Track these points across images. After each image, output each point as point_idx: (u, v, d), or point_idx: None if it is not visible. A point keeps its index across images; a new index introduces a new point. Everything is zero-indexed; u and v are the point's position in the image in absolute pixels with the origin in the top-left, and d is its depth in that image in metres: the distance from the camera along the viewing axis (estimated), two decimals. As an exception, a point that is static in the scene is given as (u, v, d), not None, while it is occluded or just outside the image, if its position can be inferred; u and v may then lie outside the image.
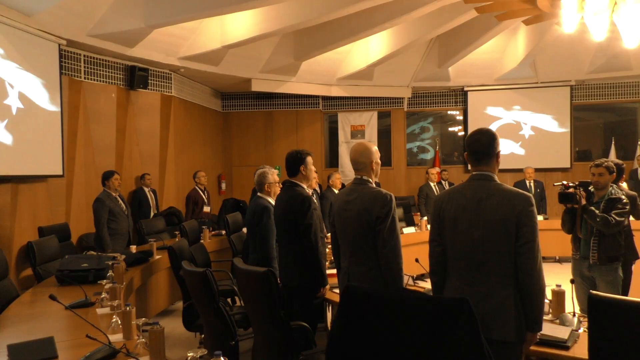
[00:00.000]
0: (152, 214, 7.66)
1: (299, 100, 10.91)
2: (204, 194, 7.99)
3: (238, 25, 7.39)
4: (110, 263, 3.90)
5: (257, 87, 9.40)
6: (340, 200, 3.08)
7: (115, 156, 7.41)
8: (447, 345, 1.87)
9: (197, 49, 7.70)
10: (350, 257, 2.97)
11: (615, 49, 8.55)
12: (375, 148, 3.06)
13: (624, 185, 6.06)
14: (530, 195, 2.37)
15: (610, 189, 3.94)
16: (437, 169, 9.72)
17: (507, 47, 9.65)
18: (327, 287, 3.54)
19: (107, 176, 5.87)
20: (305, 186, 3.65)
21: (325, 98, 10.94)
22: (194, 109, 9.51)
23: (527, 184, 8.82)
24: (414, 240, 6.79)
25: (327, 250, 4.22)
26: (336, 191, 7.38)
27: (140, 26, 6.38)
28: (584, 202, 3.84)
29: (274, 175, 4.32)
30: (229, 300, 4.95)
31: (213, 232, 7.02)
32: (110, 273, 3.66)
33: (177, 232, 6.12)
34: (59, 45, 6.24)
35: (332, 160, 11.48)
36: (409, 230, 7.15)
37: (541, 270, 2.31)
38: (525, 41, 8.98)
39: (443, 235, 2.50)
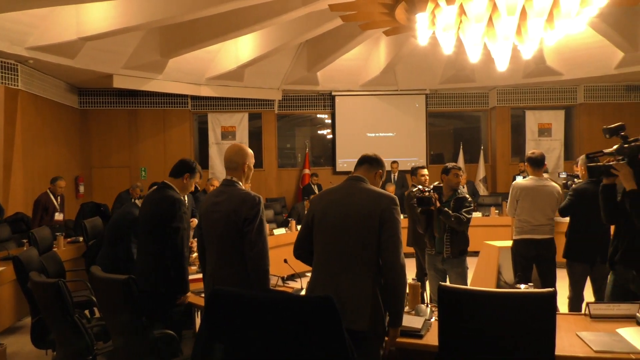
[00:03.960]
0: (-6, 221, 6.82)
1: (166, 99, 10.48)
2: (56, 199, 7.24)
3: (97, 17, 6.87)
4: (-62, 279, 3.41)
5: (119, 83, 8.83)
6: (208, 202, 3.02)
7: (-54, 156, 6.48)
8: (313, 341, 1.93)
9: (49, 39, 7.02)
10: (216, 260, 2.92)
11: (462, 63, 9.49)
12: (251, 152, 3.07)
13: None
14: (395, 196, 2.55)
15: (457, 189, 4.39)
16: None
17: (370, 56, 10.23)
18: (188, 294, 3.44)
19: None
20: (178, 191, 3.54)
21: (194, 98, 10.65)
22: (46, 104, 8.65)
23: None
24: (285, 241, 6.90)
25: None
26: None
27: (-23, 9, 5.66)
28: (438, 204, 4.21)
29: None
30: (87, 312, 4.59)
31: (69, 239, 6.46)
32: (-62, 290, 3.20)
33: (25, 241, 5.53)
34: None
35: (203, 162, 11.20)
36: (279, 231, 7.24)
37: (404, 265, 2.48)
38: (386, 51, 9.60)
39: (311, 233, 2.61)
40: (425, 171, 5.30)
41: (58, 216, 7.04)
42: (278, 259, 3.97)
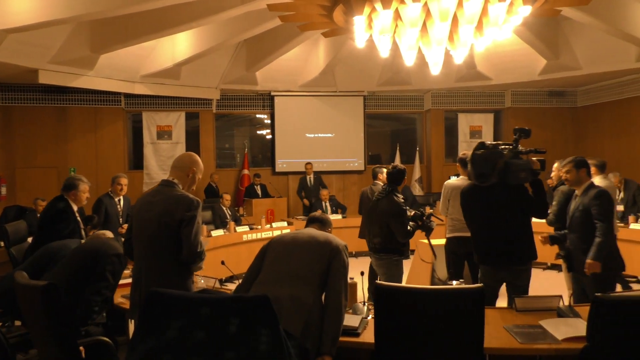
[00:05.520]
0: None
1: (97, 97, 10.04)
2: None
3: (21, 8, 6.45)
4: None
5: (45, 79, 8.34)
6: (142, 201, 2.91)
7: None
8: (251, 339, 1.94)
9: (-34, 30, 6.54)
10: (144, 262, 2.81)
11: (399, 66, 9.71)
12: (202, 167, 3.06)
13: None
14: (346, 246, 2.72)
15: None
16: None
17: (309, 56, 10.27)
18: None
19: None
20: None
21: (127, 95, 10.26)
22: (-37, 100, 8.06)
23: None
24: (222, 243, 6.81)
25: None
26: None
27: None
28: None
29: None
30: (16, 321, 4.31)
31: (-12, 245, 6.02)
32: None
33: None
34: None
35: (137, 162, 10.84)
36: (217, 232, 7.14)
37: (346, 303, 2.59)
38: (325, 52, 9.68)
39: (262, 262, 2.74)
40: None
41: None
42: (215, 261, 3.91)
